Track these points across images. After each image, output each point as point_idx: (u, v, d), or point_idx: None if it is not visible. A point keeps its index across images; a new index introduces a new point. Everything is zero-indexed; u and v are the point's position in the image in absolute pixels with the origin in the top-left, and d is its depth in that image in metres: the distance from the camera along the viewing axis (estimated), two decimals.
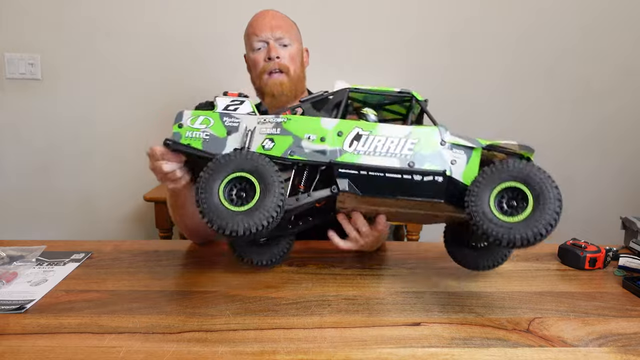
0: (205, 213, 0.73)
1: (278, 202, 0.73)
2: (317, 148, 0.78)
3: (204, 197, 0.73)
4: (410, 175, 0.75)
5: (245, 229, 0.71)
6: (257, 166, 0.75)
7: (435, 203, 0.76)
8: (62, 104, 2.12)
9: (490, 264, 0.88)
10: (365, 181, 0.77)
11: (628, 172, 2.31)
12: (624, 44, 2.19)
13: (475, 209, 0.70)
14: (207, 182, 0.74)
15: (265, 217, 0.72)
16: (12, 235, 1.83)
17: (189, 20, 2.08)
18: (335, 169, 0.77)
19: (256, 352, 0.65)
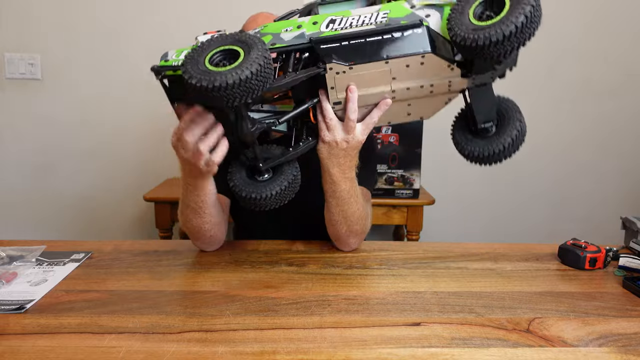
0: (192, 77, 0.70)
1: (263, 54, 0.71)
2: (295, 34, 0.80)
3: (190, 68, 0.72)
4: (389, 34, 0.76)
5: (234, 78, 0.68)
6: (241, 37, 0.75)
7: (425, 56, 0.76)
8: (62, 104, 2.12)
9: (498, 149, 0.84)
10: (349, 50, 0.77)
11: (628, 172, 2.31)
12: (624, 44, 2.19)
13: (455, 22, 0.71)
14: (192, 58, 0.73)
15: (252, 66, 0.69)
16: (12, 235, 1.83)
17: (189, 20, 2.08)
18: (317, 47, 0.78)
19: (256, 352, 0.65)
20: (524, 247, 1.10)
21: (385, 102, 0.83)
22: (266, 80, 0.72)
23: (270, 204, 0.88)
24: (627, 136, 2.28)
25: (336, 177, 0.93)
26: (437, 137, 2.17)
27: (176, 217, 1.90)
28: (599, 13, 2.16)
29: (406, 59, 0.77)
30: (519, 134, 0.83)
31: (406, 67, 0.78)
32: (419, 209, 1.94)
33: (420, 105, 0.84)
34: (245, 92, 0.70)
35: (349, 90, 0.81)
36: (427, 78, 0.80)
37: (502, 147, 0.83)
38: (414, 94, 0.82)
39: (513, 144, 0.83)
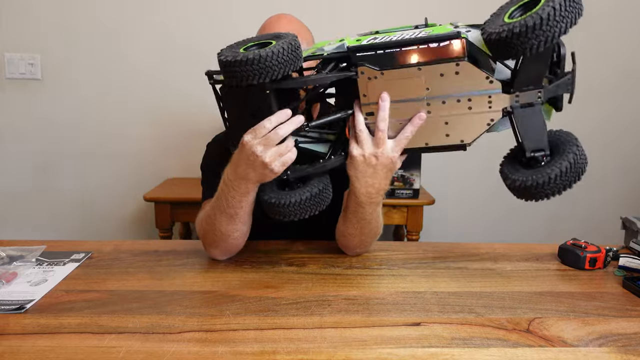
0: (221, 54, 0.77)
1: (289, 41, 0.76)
2: (336, 45, 0.82)
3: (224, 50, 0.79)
4: (425, 43, 0.75)
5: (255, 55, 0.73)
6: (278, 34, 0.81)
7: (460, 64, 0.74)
8: (62, 104, 2.12)
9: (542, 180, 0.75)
10: (383, 58, 0.77)
11: (628, 172, 2.31)
12: (624, 44, 2.20)
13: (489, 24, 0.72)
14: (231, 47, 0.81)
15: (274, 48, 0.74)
16: (12, 235, 1.83)
17: (189, 20, 2.08)
18: (353, 55, 0.78)
19: (256, 352, 0.65)
20: (524, 247, 1.10)
21: (419, 116, 0.79)
22: (286, 64, 0.74)
23: (291, 213, 0.85)
24: (627, 136, 2.28)
25: (362, 200, 0.89)
26: None
27: (176, 217, 1.92)
28: (599, 13, 2.16)
29: (440, 67, 0.75)
30: (570, 166, 0.74)
31: (440, 76, 0.76)
32: (419, 209, 1.94)
33: (459, 125, 0.79)
34: (264, 70, 0.73)
35: (381, 99, 0.79)
36: (463, 90, 0.76)
37: (547, 178, 0.74)
38: (450, 109, 0.78)
39: (562, 176, 0.74)
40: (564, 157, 0.75)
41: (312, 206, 0.86)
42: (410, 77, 0.77)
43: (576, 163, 0.75)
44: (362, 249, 1.02)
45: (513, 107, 0.76)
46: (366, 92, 0.80)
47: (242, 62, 0.73)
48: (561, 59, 0.77)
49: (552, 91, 0.77)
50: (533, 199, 0.78)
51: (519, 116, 0.77)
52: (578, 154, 0.75)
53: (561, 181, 0.75)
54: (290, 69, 0.75)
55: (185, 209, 1.90)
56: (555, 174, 0.74)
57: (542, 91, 0.75)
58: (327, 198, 0.87)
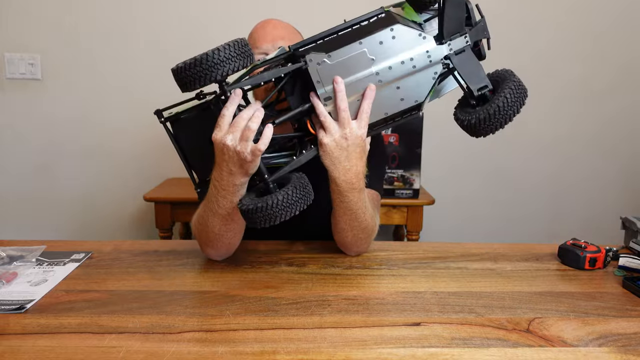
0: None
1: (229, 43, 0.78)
2: (277, 51, 0.87)
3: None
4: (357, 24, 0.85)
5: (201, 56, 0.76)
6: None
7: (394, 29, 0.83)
8: (62, 104, 2.12)
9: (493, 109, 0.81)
10: (325, 45, 0.83)
11: (628, 172, 2.31)
12: (624, 44, 2.20)
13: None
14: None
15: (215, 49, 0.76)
16: (12, 235, 1.84)
17: (189, 20, 2.08)
18: (297, 51, 0.84)
19: (256, 352, 0.65)
20: (524, 247, 1.10)
21: (369, 87, 0.83)
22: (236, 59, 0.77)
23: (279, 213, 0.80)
24: (627, 136, 2.28)
25: (343, 188, 0.89)
26: (437, 138, 2.18)
27: (176, 217, 1.92)
28: (599, 13, 2.16)
29: (377, 36, 0.81)
30: (512, 92, 0.81)
31: (380, 44, 0.82)
32: (419, 209, 1.94)
33: (409, 86, 0.85)
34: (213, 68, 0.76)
35: (335, 82, 0.83)
36: (404, 51, 0.83)
37: (496, 107, 0.80)
38: (398, 72, 0.84)
39: (508, 103, 0.80)
40: (505, 86, 0.82)
41: (292, 205, 0.82)
42: (354, 52, 0.82)
43: (517, 88, 0.81)
44: (358, 246, 1.01)
45: (449, 56, 0.84)
46: (319, 78, 0.83)
47: (191, 65, 0.76)
48: (470, 13, 0.86)
49: (474, 35, 0.85)
50: (489, 131, 0.83)
51: (457, 63, 0.84)
52: (516, 80, 0.83)
53: (509, 107, 0.81)
54: (240, 65, 0.78)
55: (185, 209, 1.90)
56: (502, 101, 0.80)
57: (467, 35, 0.84)
58: (308, 195, 0.84)
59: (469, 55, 0.85)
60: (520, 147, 2.24)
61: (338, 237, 1.01)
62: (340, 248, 1.03)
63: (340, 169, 0.87)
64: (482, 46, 0.88)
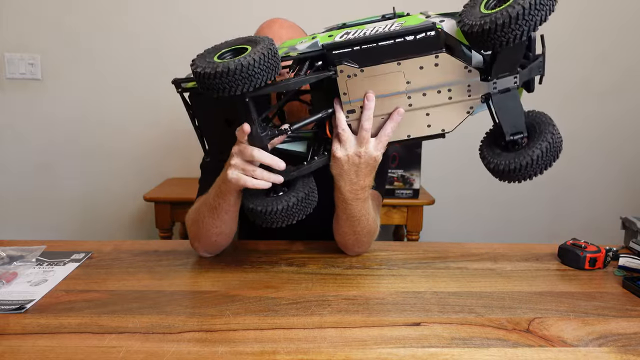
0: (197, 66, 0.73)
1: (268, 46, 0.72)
2: (309, 44, 0.79)
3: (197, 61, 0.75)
4: (402, 37, 0.75)
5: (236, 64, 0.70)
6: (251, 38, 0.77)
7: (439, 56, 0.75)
8: (62, 104, 2.12)
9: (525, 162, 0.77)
10: (361, 54, 0.76)
11: (628, 172, 2.31)
12: (625, 45, 2.19)
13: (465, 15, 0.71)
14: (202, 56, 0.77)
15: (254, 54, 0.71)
16: (12, 235, 1.84)
17: (189, 20, 2.08)
18: (329, 53, 0.77)
19: (256, 352, 0.65)
20: (524, 247, 1.10)
21: (397, 112, 0.80)
22: (269, 70, 0.72)
23: (278, 220, 0.83)
24: (627, 136, 2.28)
25: (348, 197, 0.89)
26: None
27: (176, 217, 1.92)
28: (599, 13, 2.16)
29: (419, 60, 0.75)
30: (549, 146, 0.76)
31: (420, 69, 0.76)
32: (419, 209, 1.94)
33: (440, 115, 0.80)
34: (247, 79, 0.70)
35: (367, 98, 0.79)
36: (443, 81, 0.77)
37: (530, 159, 0.75)
38: (431, 100, 0.78)
39: (543, 157, 0.76)
40: (542, 137, 0.76)
41: (299, 211, 0.83)
42: (390, 72, 0.76)
43: (554, 142, 0.76)
44: (360, 248, 1.01)
45: (491, 93, 0.77)
46: (346, 90, 0.79)
47: (223, 73, 0.70)
48: (531, 42, 0.78)
49: (526, 75, 0.78)
50: (516, 180, 0.79)
51: (497, 102, 0.78)
52: (555, 133, 0.77)
53: (542, 161, 0.76)
54: (272, 76, 0.73)
55: (185, 209, 1.86)
56: (537, 154, 0.75)
57: (518, 76, 0.77)
58: (314, 201, 0.85)
59: (512, 97, 0.77)
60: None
61: (339, 239, 1.00)
62: (341, 248, 1.03)
63: (347, 181, 0.87)
64: (532, 80, 0.81)
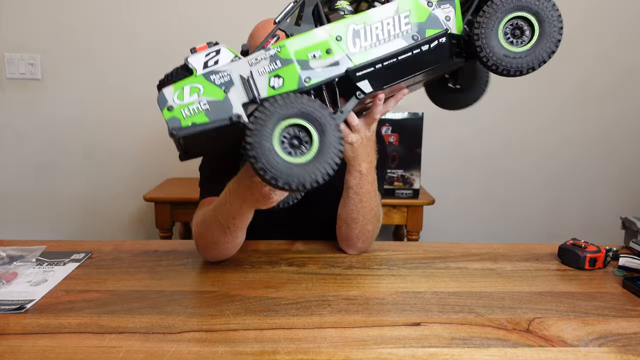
0: (266, 170, 0.64)
1: (338, 142, 0.67)
2: (328, 62, 0.74)
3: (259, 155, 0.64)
4: (418, 48, 0.74)
5: (311, 181, 0.65)
6: (304, 108, 0.67)
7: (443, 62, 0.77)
8: (62, 104, 2.12)
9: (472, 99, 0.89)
10: (383, 74, 0.75)
11: (628, 172, 2.31)
12: (625, 45, 2.19)
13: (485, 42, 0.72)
14: (257, 136, 0.65)
15: (332, 160, 0.66)
16: (12, 235, 1.84)
17: (189, 20, 2.08)
18: (353, 75, 0.74)
19: (256, 352, 0.65)
20: (524, 247, 1.10)
21: (402, 92, 0.84)
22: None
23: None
24: (627, 136, 2.28)
25: (365, 169, 0.93)
26: (437, 138, 2.18)
27: (176, 217, 1.92)
28: (599, 13, 2.16)
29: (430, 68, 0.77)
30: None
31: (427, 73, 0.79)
32: (419, 209, 1.94)
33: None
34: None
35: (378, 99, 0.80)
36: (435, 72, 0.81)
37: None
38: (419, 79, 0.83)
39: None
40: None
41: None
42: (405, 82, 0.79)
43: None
44: (363, 241, 1.01)
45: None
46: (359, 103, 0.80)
47: (306, 187, 0.65)
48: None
49: None
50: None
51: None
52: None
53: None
54: None
55: (185, 209, 1.90)
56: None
57: None
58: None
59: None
60: (521, 148, 2.24)
61: (345, 230, 1.00)
62: (342, 245, 1.03)
63: (364, 158, 0.92)
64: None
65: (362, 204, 0.96)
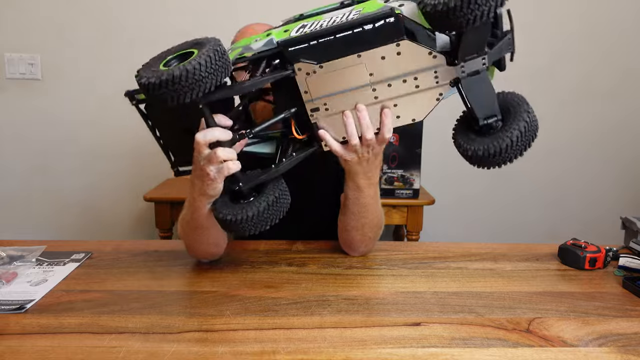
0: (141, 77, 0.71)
1: (215, 47, 0.69)
2: (264, 42, 0.75)
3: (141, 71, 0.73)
4: (360, 26, 0.70)
5: (181, 70, 0.66)
6: (197, 40, 0.75)
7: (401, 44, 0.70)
8: (62, 104, 2.12)
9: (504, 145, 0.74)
10: (319, 49, 0.72)
11: (628, 172, 2.31)
12: (625, 45, 2.19)
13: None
14: (148, 65, 0.75)
15: (200, 58, 0.67)
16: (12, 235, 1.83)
17: (189, 20, 2.08)
18: (285, 50, 0.73)
19: (256, 352, 0.65)
20: (524, 247, 1.10)
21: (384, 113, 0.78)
22: (217, 73, 0.68)
23: (250, 227, 0.79)
24: (627, 136, 2.28)
25: (362, 184, 0.90)
26: (437, 137, 2.17)
27: (176, 217, 1.92)
28: (598, 13, 2.16)
29: (380, 50, 0.71)
30: (527, 126, 0.72)
31: (382, 60, 0.72)
32: (419, 209, 1.94)
33: (408, 105, 0.77)
34: (194, 85, 0.67)
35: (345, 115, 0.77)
36: (408, 70, 0.73)
37: (509, 141, 0.72)
38: (397, 91, 0.75)
39: (521, 138, 0.72)
40: (518, 118, 0.73)
41: (270, 216, 0.80)
42: (351, 65, 0.73)
43: (531, 122, 0.73)
44: (366, 245, 1.00)
45: (460, 77, 0.73)
46: (307, 89, 0.76)
47: (168, 81, 0.66)
48: (498, 19, 0.73)
49: (496, 54, 0.74)
50: (496, 165, 0.76)
51: (466, 86, 0.74)
52: (530, 112, 0.74)
53: (522, 142, 0.72)
54: (222, 78, 0.70)
55: None
56: (515, 136, 0.72)
57: (486, 57, 0.72)
58: (285, 204, 0.82)
59: (482, 79, 0.73)
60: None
61: (346, 236, 0.99)
62: (345, 249, 1.02)
63: (360, 174, 0.88)
64: (504, 59, 0.77)
65: (361, 214, 0.95)
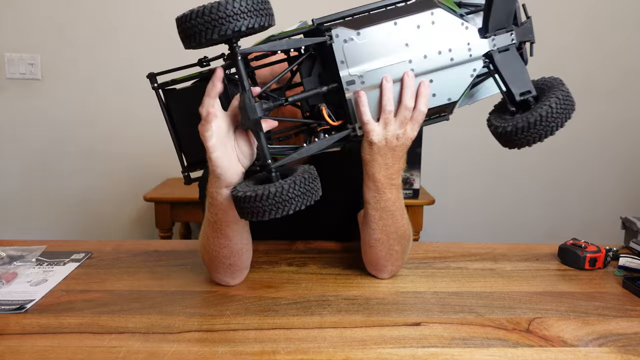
0: None
1: None
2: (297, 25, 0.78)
3: None
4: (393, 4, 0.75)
5: None
6: None
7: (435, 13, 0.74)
8: (62, 104, 2.12)
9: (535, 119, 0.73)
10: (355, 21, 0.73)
11: (629, 172, 2.31)
12: (626, 44, 2.19)
13: None
14: None
15: None
16: (12, 235, 1.83)
17: None
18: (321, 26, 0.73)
19: (256, 352, 0.65)
20: (524, 247, 1.10)
21: (423, 84, 0.75)
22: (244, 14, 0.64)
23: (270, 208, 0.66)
24: (627, 136, 2.28)
25: (381, 183, 0.81)
26: (437, 137, 2.17)
27: (176, 217, 1.92)
28: (598, 13, 2.16)
29: (415, 18, 0.73)
30: (558, 102, 0.72)
31: (417, 29, 0.73)
32: (419, 209, 1.94)
33: (444, 81, 0.76)
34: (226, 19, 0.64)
35: (384, 79, 0.73)
36: (442, 41, 0.74)
37: (538, 116, 0.71)
38: (433, 63, 0.75)
39: (552, 114, 0.71)
40: (550, 96, 0.74)
41: (296, 197, 0.67)
42: (388, 34, 0.73)
43: (564, 98, 0.73)
44: (393, 262, 0.89)
45: (492, 53, 0.76)
46: (344, 58, 0.73)
47: (199, 12, 0.66)
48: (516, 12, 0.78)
49: (521, 34, 0.78)
50: (525, 143, 0.76)
51: (500, 61, 0.76)
52: (564, 90, 0.75)
53: (552, 118, 0.72)
54: (257, 23, 0.65)
55: (185, 209, 1.90)
56: (545, 111, 0.72)
57: (514, 33, 0.77)
58: (315, 190, 0.70)
59: (513, 55, 0.76)
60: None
61: (370, 252, 0.88)
62: (371, 270, 0.91)
63: (382, 166, 0.80)
64: (525, 50, 0.80)
65: (384, 221, 0.84)
